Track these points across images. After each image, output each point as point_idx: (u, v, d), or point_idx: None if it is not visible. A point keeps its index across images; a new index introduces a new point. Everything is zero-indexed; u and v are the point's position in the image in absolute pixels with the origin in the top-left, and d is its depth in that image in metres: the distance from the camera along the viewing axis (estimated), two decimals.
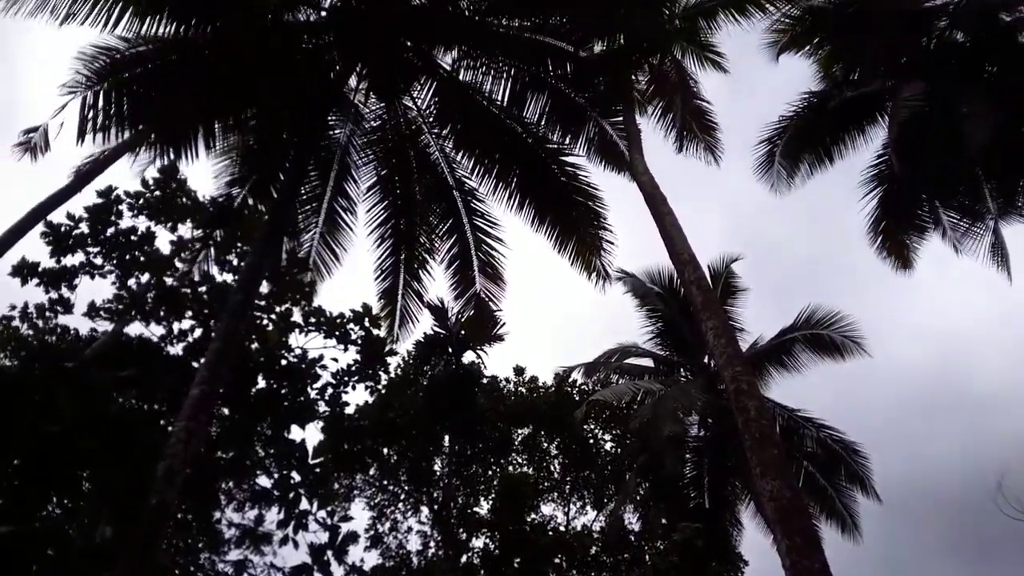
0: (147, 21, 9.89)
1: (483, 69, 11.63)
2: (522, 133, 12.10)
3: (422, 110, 12.30)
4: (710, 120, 15.90)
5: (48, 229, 14.84)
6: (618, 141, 12.58)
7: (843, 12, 14.99)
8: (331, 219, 12.90)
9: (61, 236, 18.37)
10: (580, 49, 11.61)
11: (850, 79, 16.05)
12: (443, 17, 10.99)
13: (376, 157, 12.56)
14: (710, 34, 15.23)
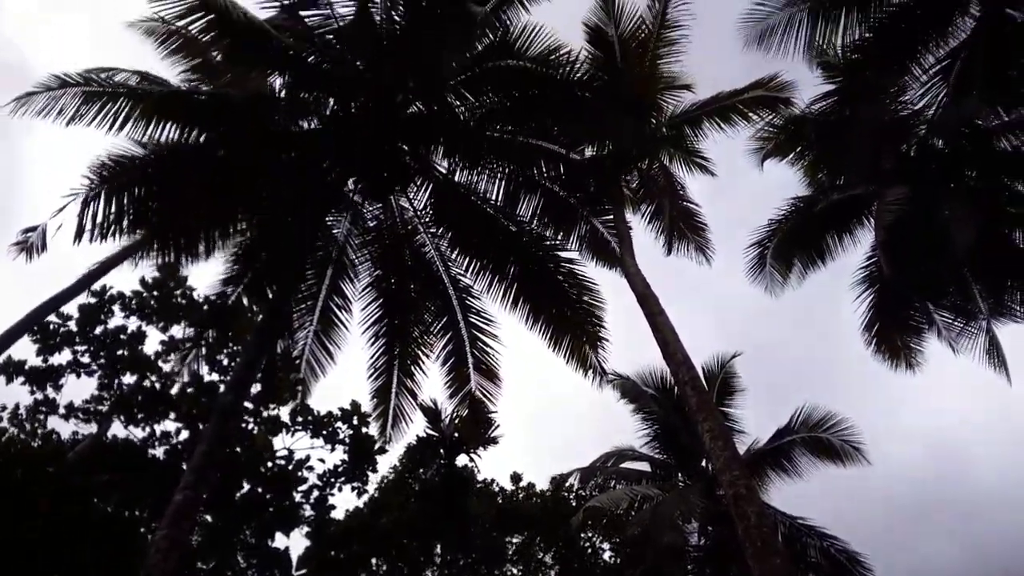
0: (153, 126, 10.18)
1: (477, 171, 11.95)
2: (516, 231, 12.31)
3: (418, 210, 12.56)
4: (699, 221, 16.25)
5: (37, 328, 14.78)
6: (609, 239, 12.81)
7: (823, 123, 15.58)
8: (326, 317, 12.89)
9: (49, 334, 18.40)
10: (571, 152, 11.99)
11: (836, 184, 16.54)
12: (438, 124, 11.38)
13: (372, 256, 12.70)
14: (696, 140, 15.81)
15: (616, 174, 14.38)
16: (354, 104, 11.18)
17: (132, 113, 9.94)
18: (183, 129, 10.25)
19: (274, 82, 10.95)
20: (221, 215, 11.20)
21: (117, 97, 9.80)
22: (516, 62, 10.42)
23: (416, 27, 9.84)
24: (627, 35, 15.54)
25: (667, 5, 15.16)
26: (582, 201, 12.61)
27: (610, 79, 14.57)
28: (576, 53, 11.27)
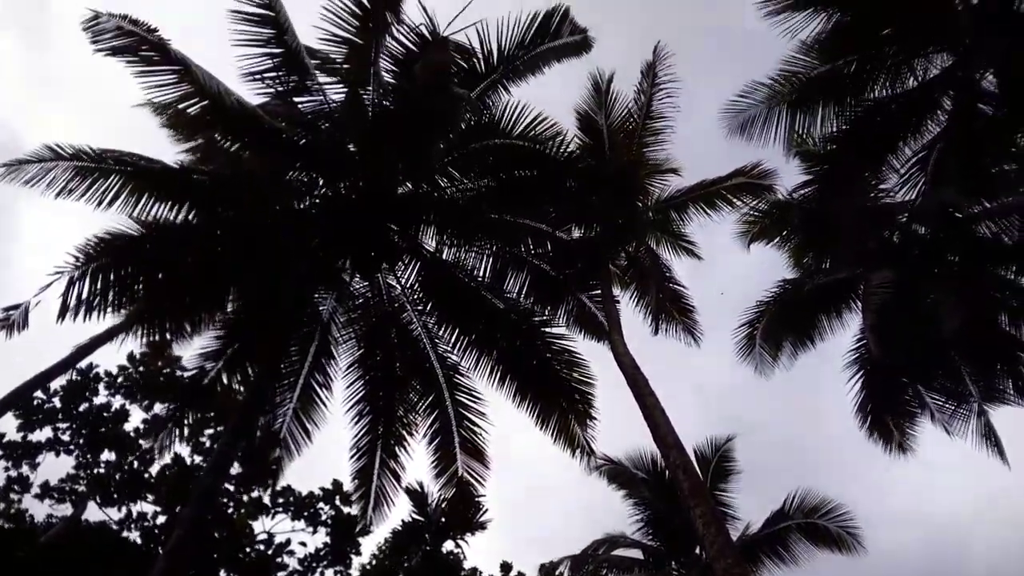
0: (143, 203, 10.34)
1: (465, 248, 12.13)
2: (504, 308, 12.38)
3: (405, 287, 12.64)
4: (687, 303, 16.36)
5: (20, 403, 14.57)
6: (596, 313, 12.88)
7: (806, 209, 15.93)
8: (306, 395, 12.69)
9: (32, 411, 18.13)
10: (558, 230, 12.21)
11: (822, 267, 16.79)
12: (427, 204, 11.64)
13: (357, 334, 12.67)
14: (682, 225, 16.14)
15: (604, 255, 14.62)
16: (344, 184, 11.45)
17: (123, 191, 10.11)
18: (173, 207, 10.41)
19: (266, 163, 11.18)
20: (208, 293, 11.23)
21: (109, 173, 9.99)
22: (503, 140, 10.74)
23: (404, 111, 10.20)
24: (616, 125, 16.09)
25: (652, 98, 15.75)
26: (570, 277, 12.75)
27: (598, 163, 15.05)
28: (565, 134, 11.71)
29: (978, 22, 13.25)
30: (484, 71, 11.24)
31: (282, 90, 10.42)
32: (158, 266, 10.78)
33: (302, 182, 11.34)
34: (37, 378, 13.05)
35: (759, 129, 15.01)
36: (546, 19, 11.15)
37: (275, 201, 11.14)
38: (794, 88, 14.68)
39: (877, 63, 14.34)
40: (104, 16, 8.98)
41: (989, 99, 14.15)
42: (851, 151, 14.67)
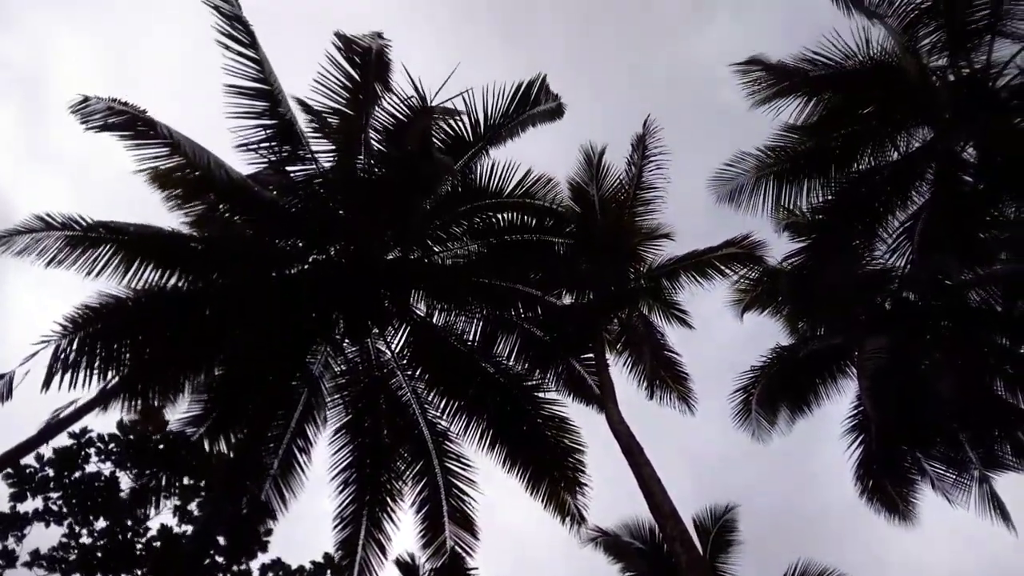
0: (133, 271, 10.54)
1: (455, 312, 12.25)
2: (494, 372, 12.38)
3: (395, 352, 12.70)
4: (681, 371, 16.33)
5: (13, 471, 14.40)
6: (586, 376, 12.87)
7: (797, 277, 16.09)
8: (287, 461, 12.50)
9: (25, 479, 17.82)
10: (548, 295, 12.35)
11: (816, 334, 16.83)
12: (417, 269, 11.85)
13: (345, 400, 12.64)
14: (674, 293, 16.28)
15: (596, 321, 14.72)
16: (334, 249, 11.69)
17: (114, 259, 10.31)
18: (163, 273, 10.61)
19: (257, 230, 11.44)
20: (195, 358, 11.29)
21: (100, 242, 10.22)
22: (492, 200, 11.01)
23: (392, 177, 10.52)
24: (607, 195, 16.47)
25: (642, 169, 16.17)
26: (561, 343, 12.80)
27: (590, 231, 15.35)
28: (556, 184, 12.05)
29: (955, 98, 13.71)
30: (471, 139, 11.67)
31: (275, 160, 10.78)
32: (146, 331, 10.87)
33: (293, 247, 11.58)
34: (22, 445, 12.96)
35: (747, 198, 15.37)
36: (528, 88, 11.66)
37: (265, 266, 11.34)
38: (780, 161, 15.09)
39: (860, 137, 14.78)
40: (93, 99, 9.39)
41: (970, 169, 14.50)
42: (839, 220, 14.94)
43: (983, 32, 13.15)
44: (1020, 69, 13.31)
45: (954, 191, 14.31)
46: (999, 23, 13.00)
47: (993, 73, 13.31)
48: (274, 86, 10.67)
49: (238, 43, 10.19)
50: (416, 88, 9.71)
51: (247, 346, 11.36)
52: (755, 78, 14.86)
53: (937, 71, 13.93)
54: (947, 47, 13.66)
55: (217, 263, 10.95)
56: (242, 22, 10.06)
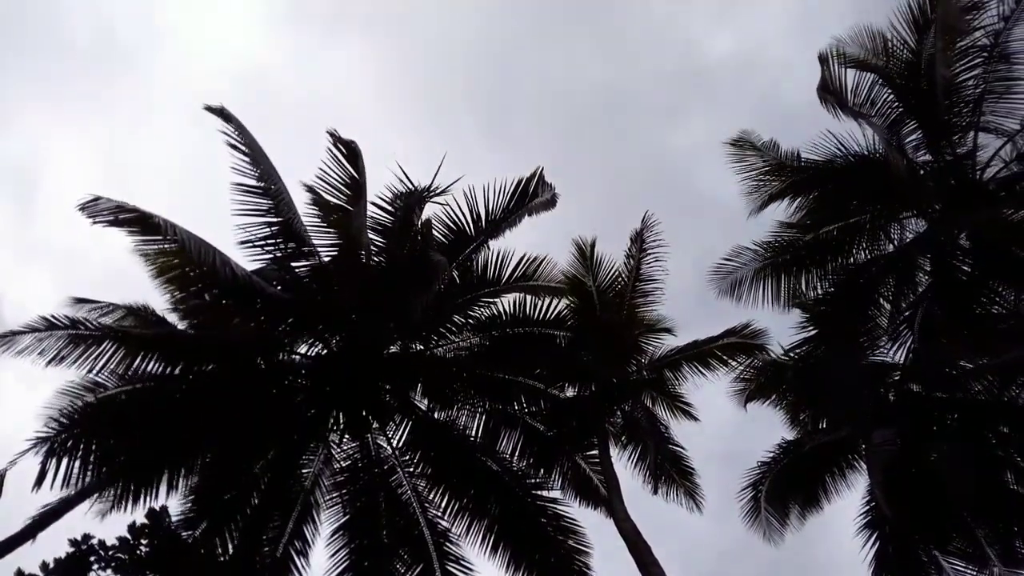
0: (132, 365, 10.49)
1: (457, 407, 12.10)
2: (497, 470, 12.11)
3: (396, 448, 12.46)
4: (687, 465, 15.93)
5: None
6: (592, 476, 12.57)
7: (801, 367, 16.00)
8: (284, 564, 11.98)
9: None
10: (551, 388, 12.24)
11: (819, 427, 16.56)
12: (418, 363, 11.80)
13: (343, 499, 12.26)
14: (677, 384, 16.13)
15: (600, 414, 14.53)
16: (336, 343, 11.68)
17: (115, 356, 10.31)
18: (163, 368, 10.58)
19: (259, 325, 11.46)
20: (191, 455, 11.08)
21: (103, 340, 10.25)
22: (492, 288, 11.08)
23: (393, 273, 10.64)
24: (605, 286, 16.58)
25: (640, 262, 16.35)
26: (565, 438, 12.59)
27: (589, 322, 15.37)
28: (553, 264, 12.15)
29: (943, 191, 14.09)
30: (473, 233, 11.91)
31: (279, 256, 10.94)
32: (142, 427, 10.72)
33: (293, 342, 11.57)
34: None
35: (747, 290, 15.55)
36: (527, 183, 12.01)
37: (265, 361, 11.30)
38: (778, 255, 15.36)
39: (855, 231, 15.11)
40: (103, 199, 9.66)
41: (965, 259, 14.71)
42: (839, 312, 15.03)
43: (966, 128, 13.66)
44: (1005, 162, 13.76)
45: (951, 280, 14.47)
46: (981, 119, 13.53)
47: (979, 166, 13.74)
48: (277, 185, 10.97)
49: (243, 144, 10.56)
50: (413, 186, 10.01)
51: (244, 443, 11.16)
52: (748, 163, 15.35)
53: (925, 165, 14.38)
54: (932, 142, 14.16)
55: (217, 357, 10.91)
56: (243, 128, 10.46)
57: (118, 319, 10.56)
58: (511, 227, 12.09)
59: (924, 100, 13.67)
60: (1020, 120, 13.33)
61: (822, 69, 14.55)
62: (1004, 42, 13.03)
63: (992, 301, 14.60)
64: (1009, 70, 13.20)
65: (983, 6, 13.01)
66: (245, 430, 10.97)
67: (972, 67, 13.37)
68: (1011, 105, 13.30)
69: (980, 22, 13.09)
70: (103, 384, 10.54)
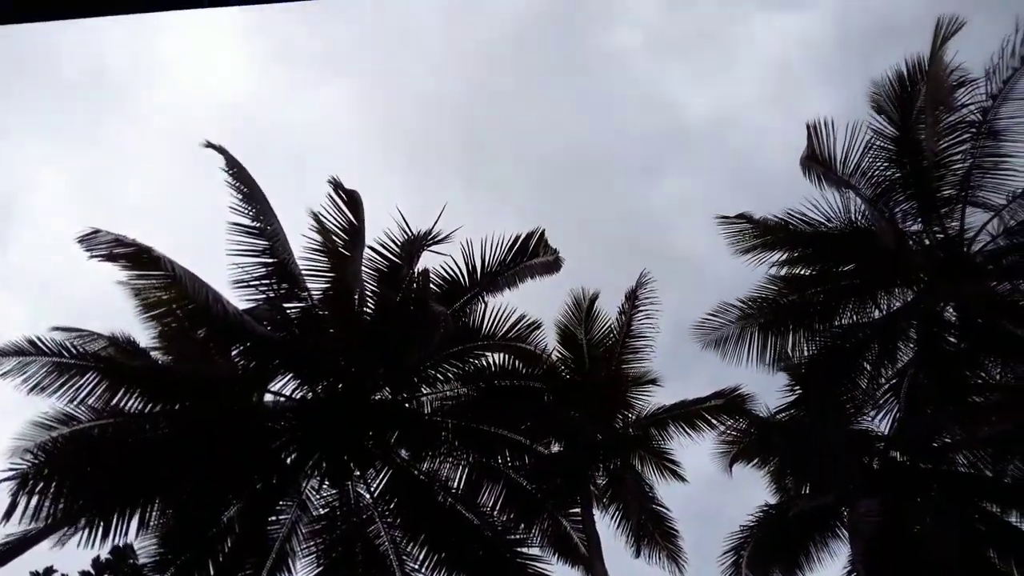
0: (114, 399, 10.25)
1: (441, 458, 11.86)
2: (478, 524, 11.80)
3: (376, 497, 12.13)
4: (670, 527, 15.69)
5: None
6: (573, 534, 12.29)
7: (787, 431, 15.91)
8: None
9: None
10: (536, 443, 12.05)
11: (801, 492, 16.42)
12: (404, 411, 11.59)
13: (319, 548, 11.86)
14: (663, 443, 15.97)
15: (584, 471, 14.30)
16: (323, 386, 11.47)
17: (98, 388, 10.09)
18: (144, 403, 10.33)
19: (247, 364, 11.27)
20: (166, 494, 10.74)
21: (87, 370, 10.03)
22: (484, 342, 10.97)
23: (386, 319, 10.53)
24: (596, 340, 16.53)
25: (632, 319, 16.36)
26: (547, 493, 12.35)
27: (578, 377, 15.26)
28: (545, 347, 12.04)
29: (931, 262, 14.24)
30: (468, 285, 11.84)
31: (272, 296, 10.81)
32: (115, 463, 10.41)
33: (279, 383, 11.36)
34: None
35: (732, 347, 15.53)
36: (525, 240, 12.06)
37: (249, 402, 11.06)
38: (764, 313, 15.39)
39: (842, 293, 15.18)
40: (103, 232, 9.59)
41: (952, 330, 14.80)
42: (824, 376, 15.00)
43: (955, 201, 13.89)
44: (992, 236, 13.96)
45: (938, 351, 14.52)
46: (969, 194, 13.76)
47: (967, 239, 13.92)
48: (273, 226, 10.91)
49: (241, 183, 10.54)
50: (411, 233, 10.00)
51: (221, 485, 10.84)
52: (740, 230, 15.48)
53: (913, 235, 14.56)
54: (920, 214, 14.36)
55: (198, 395, 10.67)
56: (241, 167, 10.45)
57: (100, 348, 10.32)
58: (510, 285, 12.11)
59: (914, 172, 13.92)
60: (1007, 195, 13.56)
61: (809, 138, 14.86)
62: (992, 119, 13.32)
63: (977, 374, 14.66)
64: (997, 146, 13.47)
65: (971, 83, 13.35)
66: (222, 472, 10.68)
67: (961, 142, 13.65)
68: (999, 180, 13.54)
69: (970, 98, 13.41)
70: (76, 417, 10.24)
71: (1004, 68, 12.82)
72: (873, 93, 14.20)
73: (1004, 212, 13.64)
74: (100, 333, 10.72)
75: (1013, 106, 13.15)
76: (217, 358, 10.67)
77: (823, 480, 15.97)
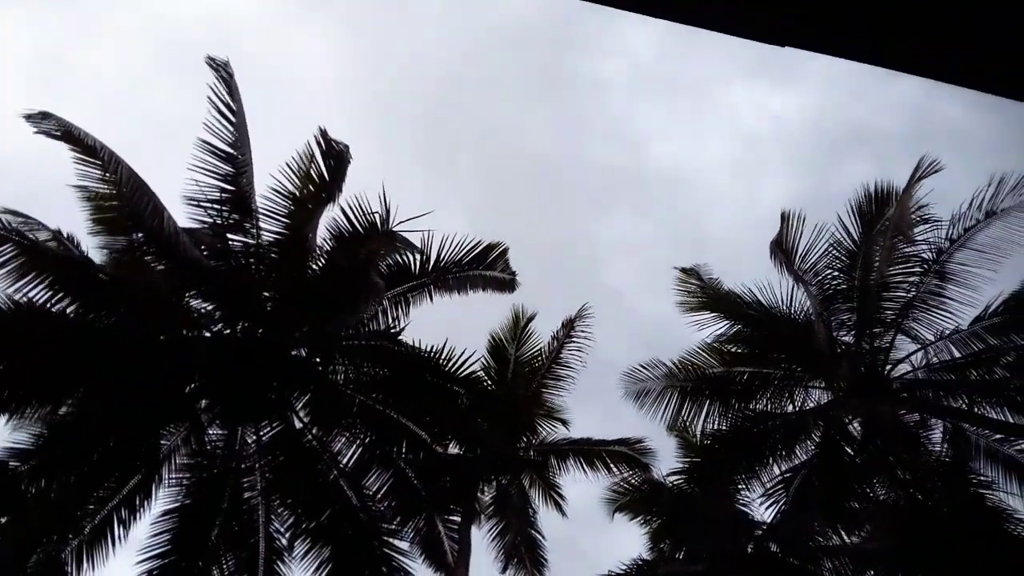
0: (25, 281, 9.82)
1: (338, 431, 11.69)
2: (356, 504, 11.63)
3: (262, 448, 11.85)
4: (541, 555, 15.89)
5: None
6: (444, 540, 12.27)
7: (676, 495, 16.24)
8: (102, 529, 11.06)
9: None
10: (436, 443, 11.99)
11: (675, 555, 16.77)
12: (314, 374, 11.40)
13: (188, 482, 11.44)
14: (558, 474, 16.15)
15: (476, 481, 14.32)
16: (242, 327, 11.19)
17: (12, 262, 9.64)
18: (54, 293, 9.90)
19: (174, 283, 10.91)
20: (55, 389, 10.28)
21: (5, 240, 9.58)
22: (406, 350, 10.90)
23: (328, 281, 10.36)
24: (524, 358, 16.64)
25: (563, 347, 16.53)
26: (432, 494, 12.29)
27: (497, 388, 15.30)
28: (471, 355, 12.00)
29: (853, 374, 14.80)
30: (417, 272, 11.75)
31: (221, 224, 10.52)
32: (13, 345, 9.97)
33: (201, 311, 11.04)
34: None
35: (652, 401, 15.82)
36: (486, 250, 12.10)
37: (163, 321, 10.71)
38: (689, 379, 15.73)
39: (765, 381, 15.63)
40: (54, 117, 9.19)
41: (853, 442, 15.38)
42: (726, 452, 15.39)
43: (889, 326, 14.47)
44: (913, 367, 14.59)
45: (835, 458, 15.06)
46: (904, 322, 14.36)
47: (892, 362, 14.52)
48: (245, 156, 10.60)
49: (226, 108, 10.25)
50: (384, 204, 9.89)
51: (111, 395, 10.44)
52: (689, 289, 15.82)
53: (844, 345, 15.11)
54: (856, 328, 14.93)
55: (115, 302, 10.27)
56: (235, 92, 10.18)
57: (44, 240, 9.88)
58: (460, 288, 12.10)
59: (860, 288, 14.45)
60: (936, 333, 14.20)
61: (781, 226, 15.35)
62: (945, 260, 13.93)
63: (864, 490, 15.26)
64: (941, 287, 14.07)
65: (935, 223, 13.96)
66: (118, 384, 10.28)
67: (910, 274, 14.24)
68: (933, 318, 14.15)
69: (929, 236, 14.02)
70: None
71: (969, 217, 13.44)
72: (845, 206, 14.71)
73: (930, 348, 14.28)
74: (46, 226, 10.29)
75: (966, 254, 13.80)
76: (144, 269, 10.32)
77: (698, 550, 16.38)
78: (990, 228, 13.57)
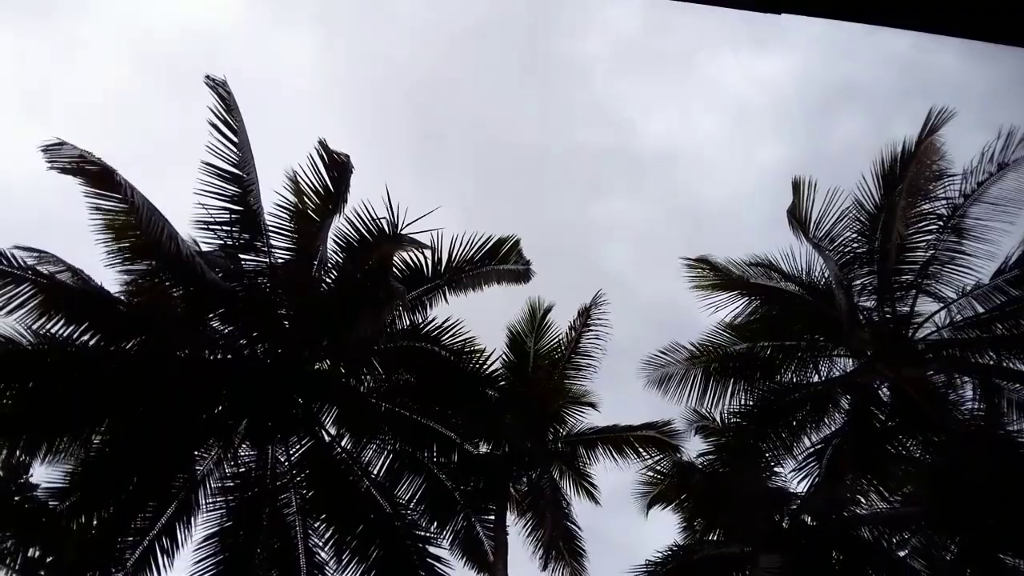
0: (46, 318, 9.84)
1: (367, 440, 11.67)
2: (390, 512, 11.62)
3: (294, 464, 11.86)
4: (578, 546, 15.82)
5: None
6: (484, 540, 12.25)
7: (707, 475, 16.17)
8: (145, 559, 11.09)
9: None
10: (466, 443, 11.96)
11: (709, 537, 16.73)
12: (338, 386, 11.37)
13: (227, 505, 11.50)
14: (588, 464, 16.09)
15: (506, 476, 14.29)
16: (263, 347, 11.18)
17: (30, 301, 9.64)
18: (76, 328, 9.91)
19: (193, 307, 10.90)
20: (82, 423, 10.30)
21: (22, 280, 9.58)
22: (429, 346, 10.84)
23: (342, 290, 10.31)
24: (544, 351, 16.56)
25: (581, 335, 16.43)
26: (466, 495, 12.27)
27: (519, 383, 15.25)
28: (490, 354, 11.95)
29: (877, 339, 14.65)
30: (430, 275, 11.68)
31: (231, 245, 10.48)
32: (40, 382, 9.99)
33: (221, 333, 11.02)
34: None
35: (675, 386, 15.71)
36: (497, 244, 11.97)
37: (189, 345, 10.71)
38: (712, 359, 15.61)
39: (788, 352, 15.48)
40: (68, 145, 9.17)
41: (883, 407, 15.24)
42: (755, 428, 15.29)
43: (910, 287, 14.30)
44: (937, 327, 14.42)
45: (866, 425, 14.92)
46: (924, 282, 14.19)
47: (915, 324, 14.35)
48: (250, 175, 10.56)
49: (227, 128, 10.20)
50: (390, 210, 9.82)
51: (140, 423, 10.45)
52: (699, 272, 15.68)
53: (865, 310, 14.95)
54: (876, 292, 14.76)
55: (136, 331, 10.27)
56: (235, 110, 10.12)
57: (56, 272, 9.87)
58: (475, 285, 11.99)
59: (881, 250, 14.28)
60: (958, 290, 14.03)
61: (794, 195, 15.17)
62: (960, 216, 13.75)
63: (898, 453, 15.14)
64: (958, 243, 13.89)
65: (949, 178, 13.77)
66: (145, 412, 10.28)
67: (927, 232, 14.07)
68: (953, 276, 13.98)
69: (944, 192, 13.83)
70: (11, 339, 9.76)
71: (981, 171, 13.25)
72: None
73: (952, 306, 14.10)
74: (60, 259, 10.28)
75: (981, 208, 13.61)
76: (162, 295, 10.31)
77: (733, 528, 16.33)
78: (1003, 181, 13.38)
